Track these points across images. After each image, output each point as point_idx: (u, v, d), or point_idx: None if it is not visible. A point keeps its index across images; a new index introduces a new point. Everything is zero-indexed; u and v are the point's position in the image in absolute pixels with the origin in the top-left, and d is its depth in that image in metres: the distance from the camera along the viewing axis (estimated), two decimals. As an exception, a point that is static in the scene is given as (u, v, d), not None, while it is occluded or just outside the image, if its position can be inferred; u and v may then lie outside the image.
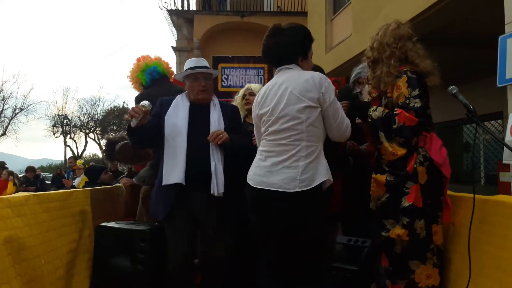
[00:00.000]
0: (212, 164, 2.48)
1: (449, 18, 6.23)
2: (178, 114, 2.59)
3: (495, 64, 4.58)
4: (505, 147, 4.24)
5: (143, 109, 2.36)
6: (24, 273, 1.95)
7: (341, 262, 3.42)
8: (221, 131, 2.51)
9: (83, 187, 5.21)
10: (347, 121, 2.18)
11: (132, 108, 2.40)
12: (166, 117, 2.58)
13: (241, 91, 3.42)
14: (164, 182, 2.45)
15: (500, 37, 4.63)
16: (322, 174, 2.09)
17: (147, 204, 3.03)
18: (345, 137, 2.22)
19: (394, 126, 2.19)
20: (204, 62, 2.73)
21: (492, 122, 9.10)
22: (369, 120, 2.33)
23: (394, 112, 2.23)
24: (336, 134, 2.18)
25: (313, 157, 2.08)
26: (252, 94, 3.30)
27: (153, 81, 3.31)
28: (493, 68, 4.68)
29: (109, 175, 4.87)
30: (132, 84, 3.32)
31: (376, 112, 2.31)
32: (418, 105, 2.21)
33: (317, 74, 2.19)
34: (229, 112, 2.77)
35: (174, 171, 2.44)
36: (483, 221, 2.06)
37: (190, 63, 2.72)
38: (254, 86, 3.39)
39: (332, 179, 2.16)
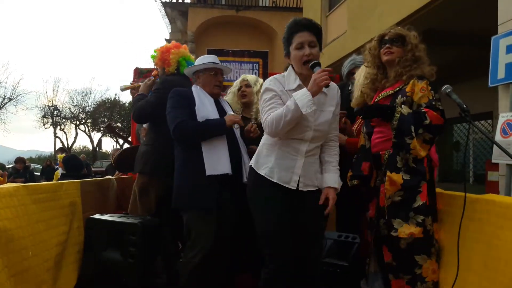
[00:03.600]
0: (244, 154, 2.69)
1: (442, 18, 6.27)
2: (207, 107, 2.65)
3: (484, 64, 4.61)
4: (494, 146, 4.31)
5: None
6: (11, 265, 1.92)
7: (331, 257, 3.45)
8: (255, 126, 2.74)
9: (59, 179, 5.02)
10: (265, 118, 2.16)
11: (239, 117, 2.66)
12: (196, 109, 2.61)
13: (237, 83, 3.36)
14: (210, 173, 2.49)
15: (493, 38, 4.65)
16: (252, 160, 2.32)
17: (144, 196, 3.00)
18: (268, 133, 2.20)
19: (426, 122, 2.22)
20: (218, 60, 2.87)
21: (482, 122, 9.19)
22: (397, 115, 2.30)
23: (422, 110, 2.27)
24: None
25: (260, 146, 2.30)
26: (249, 85, 3.26)
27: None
28: (482, 69, 4.70)
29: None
30: (170, 63, 3.19)
31: (404, 109, 2.30)
32: (441, 107, 2.28)
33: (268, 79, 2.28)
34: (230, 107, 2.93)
35: (219, 162, 2.52)
36: (473, 219, 2.08)
37: (208, 58, 2.81)
38: (250, 77, 3.34)
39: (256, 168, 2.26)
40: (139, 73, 4.90)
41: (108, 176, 3.94)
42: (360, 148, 2.61)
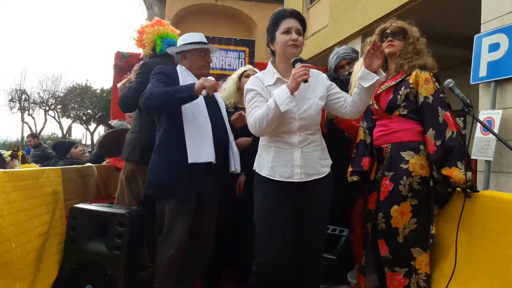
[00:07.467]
0: (232, 142, 2.57)
1: (427, 14, 6.32)
2: None
3: (462, 64, 4.67)
4: (474, 143, 4.41)
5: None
6: (-7, 257, 1.79)
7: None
8: (237, 115, 2.72)
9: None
10: (249, 119, 2.14)
11: (212, 82, 2.27)
12: None
13: (242, 70, 3.19)
14: (192, 160, 2.33)
15: (475, 36, 4.72)
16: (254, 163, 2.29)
17: (132, 183, 2.85)
18: (254, 133, 2.15)
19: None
20: (205, 38, 2.65)
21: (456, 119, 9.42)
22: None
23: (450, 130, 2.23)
24: None
25: (258, 148, 2.28)
26: None
27: (165, 52, 3.01)
28: (461, 67, 4.75)
29: (79, 149, 4.63)
30: (145, 44, 3.00)
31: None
32: (447, 101, 2.28)
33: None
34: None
35: (203, 150, 2.36)
36: (473, 216, 2.09)
37: (195, 37, 2.59)
38: (255, 69, 3.23)
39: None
40: (121, 57, 4.73)
41: (88, 164, 3.77)
42: (359, 143, 2.57)
